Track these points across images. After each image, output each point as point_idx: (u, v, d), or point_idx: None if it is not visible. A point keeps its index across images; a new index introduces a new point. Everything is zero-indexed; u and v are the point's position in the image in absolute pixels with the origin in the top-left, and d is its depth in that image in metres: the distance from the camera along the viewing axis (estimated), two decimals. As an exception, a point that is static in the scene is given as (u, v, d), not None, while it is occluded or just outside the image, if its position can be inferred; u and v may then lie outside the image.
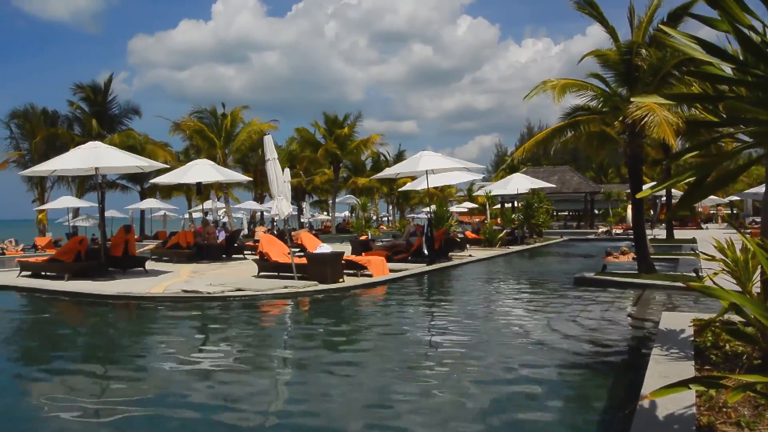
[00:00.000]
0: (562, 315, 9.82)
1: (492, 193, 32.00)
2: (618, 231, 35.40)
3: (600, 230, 37.81)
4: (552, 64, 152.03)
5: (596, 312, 9.97)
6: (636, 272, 13.52)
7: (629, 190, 17.51)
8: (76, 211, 37.43)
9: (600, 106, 13.66)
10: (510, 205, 37.48)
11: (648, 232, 16.92)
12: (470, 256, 20.37)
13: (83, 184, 38.01)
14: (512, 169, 38.13)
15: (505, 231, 26.71)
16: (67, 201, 34.65)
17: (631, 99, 11.31)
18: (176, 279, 14.16)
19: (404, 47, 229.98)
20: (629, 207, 30.95)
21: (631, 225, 15.85)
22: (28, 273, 15.57)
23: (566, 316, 9.61)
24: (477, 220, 42.98)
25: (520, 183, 29.58)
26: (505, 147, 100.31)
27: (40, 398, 6.04)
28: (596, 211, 51.48)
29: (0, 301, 12.93)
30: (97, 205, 24.69)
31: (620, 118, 12.74)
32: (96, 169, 15.43)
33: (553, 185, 37.99)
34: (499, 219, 35.04)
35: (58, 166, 16.00)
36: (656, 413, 4.10)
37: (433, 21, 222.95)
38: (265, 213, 46.13)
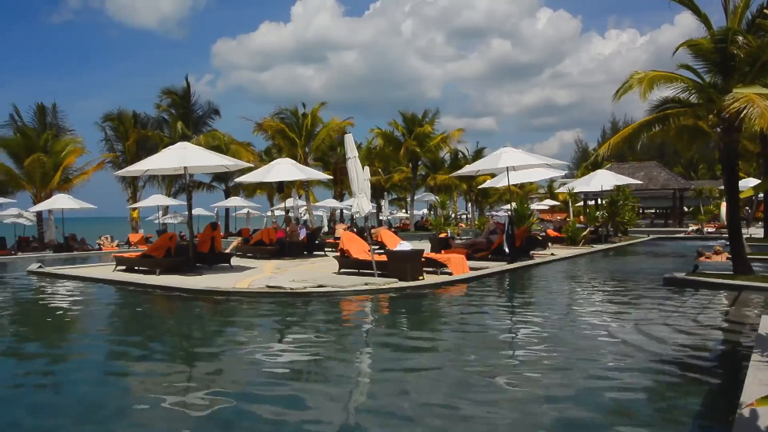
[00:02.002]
0: (652, 317, 9.42)
1: (575, 190, 31.18)
2: (710, 230, 33.75)
3: (690, 229, 36.14)
4: (637, 56, 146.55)
5: (688, 314, 9.52)
6: (731, 273, 12.83)
7: (722, 187, 16.63)
8: (166, 209, 39.16)
9: (692, 98, 13.00)
10: (593, 202, 36.39)
11: (743, 230, 16.03)
12: (552, 254, 19.93)
13: (172, 183, 39.80)
14: (595, 166, 36.95)
15: (588, 229, 25.99)
16: (157, 199, 36.33)
17: (734, 90, 10.66)
18: (260, 275, 14.55)
19: (482, 42, 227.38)
20: (723, 204, 29.50)
21: (726, 223, 15.06)
22: (123, 267, 16.41)
23: (656, 319, 9.21)
24: (559, 217, 42.00)
25: (604, 179, 28.65)
26: (586, 142, 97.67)
27: (132, 382, 6.37)
28: (685, 209, 49.31)
29: (98, 293, 13.71)
30: (184, 203, 25.70)
31: (715, 111, 12.10)
32: (185, 168, 16.06)
33: (640, 181, 36.62)
34: (582, 217, 34.11)
35: (150, 166, 16.77)
36: (758, 423, 3.88)
37: (511, 15, 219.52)
38: (344, 210, 46.73)
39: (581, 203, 40.22)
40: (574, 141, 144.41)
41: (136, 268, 16.17)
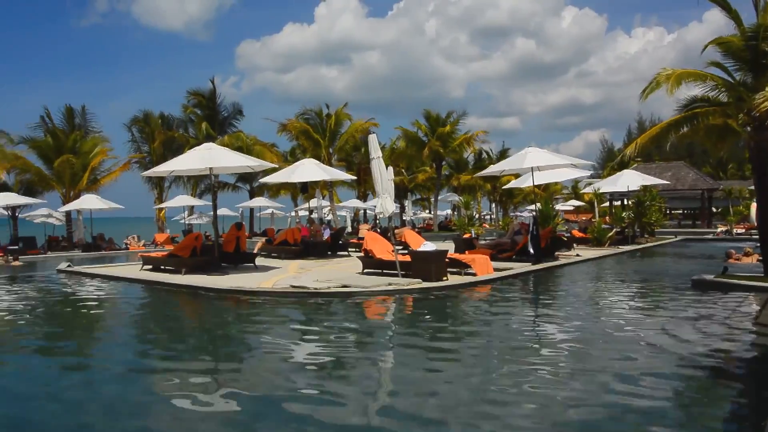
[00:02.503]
0: (679, 320, 9.27)
1: (601, 191, 30.83)
2: (739, 231, 33.14)
3: (719, 230, 35.53)
4: (664, 54, 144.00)
5: (717, 317, 9.35)
6: (762, 275, 12.57)
7: (752, 187, 16.29)
8: (191, 209, 39.58)
9: (721, 96, 12.75)
10: (619, 202, 35.96)
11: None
12: (577, 255, 19.73)
13: (197, 183, 40.24)
14: (621, 165, 36.42)
15: (614, 230, 25.70)
16: (183, 200, 36.75)
17: (766, 88, 10.44)
18: (285, 275, 14.62)
19: (506, 42, 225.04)
20: (753, 205, 28.96)
21: (756, 224, 14.75)
22: (150, 267, 16.60)
23: (684, 322, 9.07)
24: (584, 218, 41.55)
25: (630, 179, 28.26)
26: (612, 142, 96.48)
27: (156, 380, 6.42)
28: (714, 210, 48.45)
29: (125, 292, 13.89)
30: (210, 203, 25.96)
31: (745, 110, 11.87)
32: (210, 169, 16.20)
33: (667, 182, 36.05)
34: (608, 217, 33.70)
35: (176, 167, 16.95)
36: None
37: (535, 13, 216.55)
38: (368, 210, 46.80)
39: (607, 204, 39.71)
40: (599, 141, 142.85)
41: (162, 267, 16.36)
